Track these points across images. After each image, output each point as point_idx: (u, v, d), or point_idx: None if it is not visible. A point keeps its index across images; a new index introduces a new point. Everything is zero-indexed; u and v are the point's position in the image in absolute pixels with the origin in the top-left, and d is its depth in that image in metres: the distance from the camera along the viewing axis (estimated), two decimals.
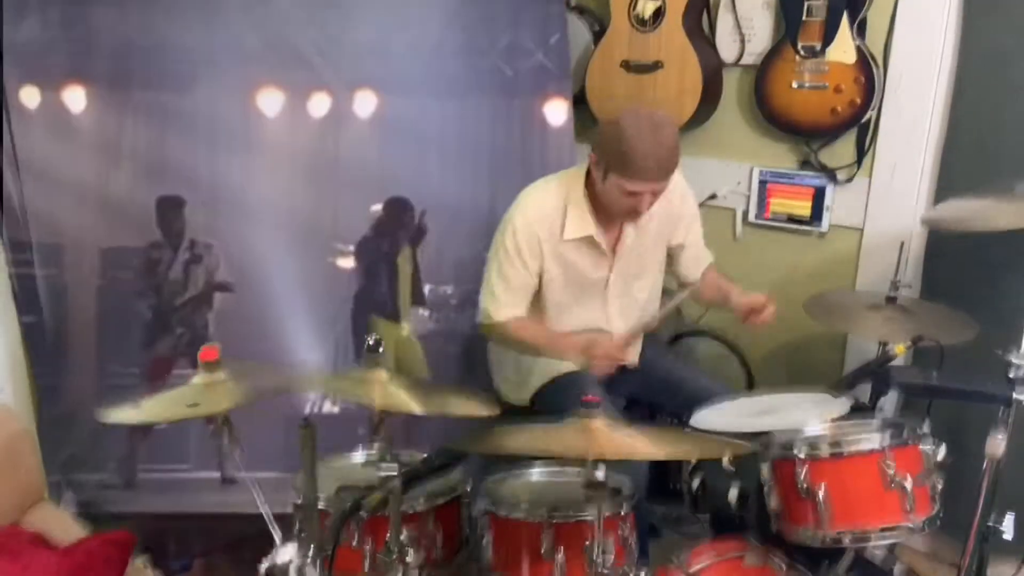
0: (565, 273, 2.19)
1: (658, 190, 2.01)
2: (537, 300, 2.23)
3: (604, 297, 2.27)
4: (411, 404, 1.54)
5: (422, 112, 2.61)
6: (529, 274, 2.16)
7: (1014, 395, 1.59)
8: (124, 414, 1.56)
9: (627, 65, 2.76)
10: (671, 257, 2.41)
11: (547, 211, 2.13)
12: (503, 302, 2.17)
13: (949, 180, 2.37)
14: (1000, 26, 2.21)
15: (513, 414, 2.35)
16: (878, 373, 1.76)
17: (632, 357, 2.21)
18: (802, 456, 1.61)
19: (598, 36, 2.91)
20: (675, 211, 2.30)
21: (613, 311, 2.29)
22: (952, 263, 2.37)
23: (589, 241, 2.16)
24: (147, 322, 2.33)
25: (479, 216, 2.62)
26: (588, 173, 2.13)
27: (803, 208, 2.69)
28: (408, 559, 1.53)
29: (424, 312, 2.69)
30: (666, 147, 1.96)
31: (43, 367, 2.16)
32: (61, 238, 2.17)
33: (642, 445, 1.54)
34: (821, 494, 1.59)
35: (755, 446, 1.67)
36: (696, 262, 2.43)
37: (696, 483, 1.86)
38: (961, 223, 2.04)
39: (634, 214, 2.07)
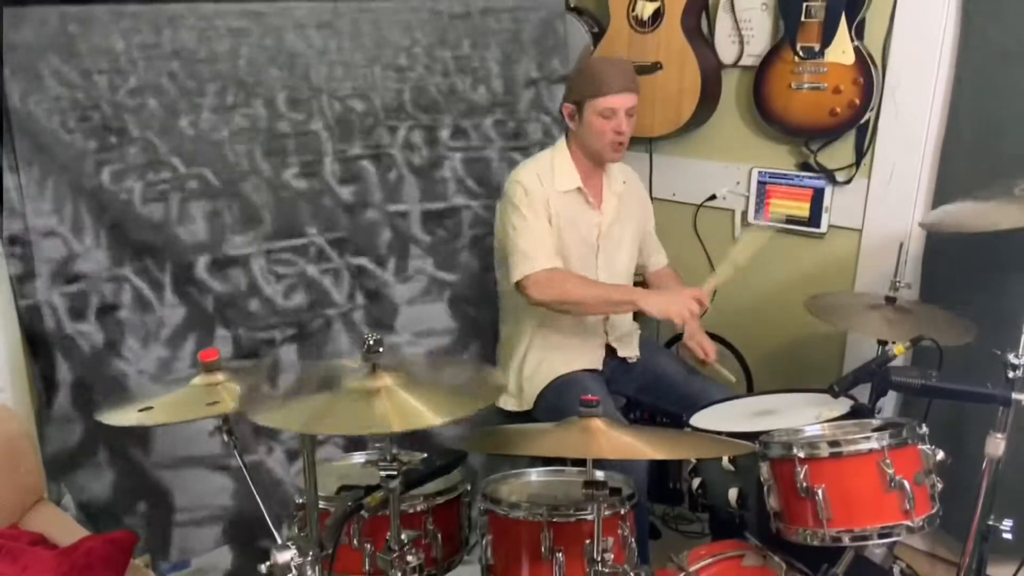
0: (563, 228, 2.26)
1: (630, 107, 2.20)
2: None
3: (595, 262, 2.34)
4: (426, 416, 1.34)
5: None
6: (548, 224, 2.23)
7: (1013, 395, 1.60)
8: (132, 416, 1.56)
9: None
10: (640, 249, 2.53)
11: (541, 170, 2.28)
12: (538, 253, 2.19)
13: (948, 181, 2.37)
14: (1000, 27, 2.21)
15: (514, 416, 2.36)
16: (877, 373, 1.75)
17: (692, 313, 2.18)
18: (801, 456, 1.61)
19: (597, 37, 2.91)
20: (643, 195, 2.56)
21: (602, 276, 2.35)
22: (951, 263, 2.37)
23: (579, 193, 2.29)
24: None
25: None
26: (567, 140, 2.33)
27: (802, 209, 2.70)
28: (408, 559, 1.53)
29: None
30: (626, 65, 2.28)
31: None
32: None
33: (642, 445, 1.54)
34: (820, 494, 1.58)
35: (755, 446, 1.67)
36: (657, 253, 2.60)
37: (696, 483, 1.86)
38: (960, 226, 2.05)
39: (617, 142, 2.22)
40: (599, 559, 1.58)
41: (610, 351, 2.42)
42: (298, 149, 2.45)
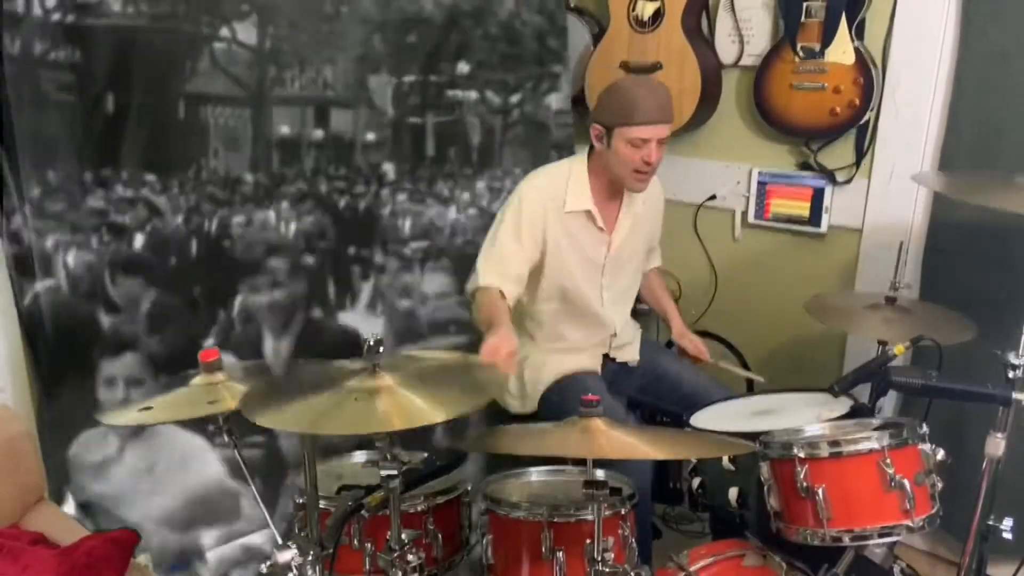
0: (568, 247, 2.21)
1: (663, 137, 2.10)
2: (540, 281, 2.24)
3: (600, 282, 2.30)
4: (429, 413, 1.35)
5: None
6: (523, 249, 2.16)
7: (1013, 395, 1.59)
8: (132, 416, 1.56)
9: (626, 66, 2.77)
10: None
11: (552, 186, 2.21)
12: (489, 268, 2.14)
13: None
14: (1000, 26, 2.22)
15: (519, 419, 2.36)
16: (877, 373, 1.76)
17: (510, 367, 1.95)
18: (802, 456, 1.61)
19: (597, 37, 2.92)
20: (659, 208, 2.46)
21: (607, 295, 2.33)
22: (951, 263, 2.38)
23: (588, 216, 2.23)
24: None
25: None
26: (589, 155, 2.24)
27: (802, 209, 2.70)
28: (408, 559, 1.53)
29: None
30: (661, 92, 2.12)
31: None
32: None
33: (642, 445, 1.55)
34: (821, 494, 1.59)
35: (755, 446, 1.67)
36: (654, 258, 2.57)
37: (696, 483, 1.86)
38: (954, 190, 2.04)
39: (645, 171, 2.13)
40: (599, 559, 1.59)
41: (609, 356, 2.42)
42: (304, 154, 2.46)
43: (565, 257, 2.22)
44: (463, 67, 2.67)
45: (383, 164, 2.59)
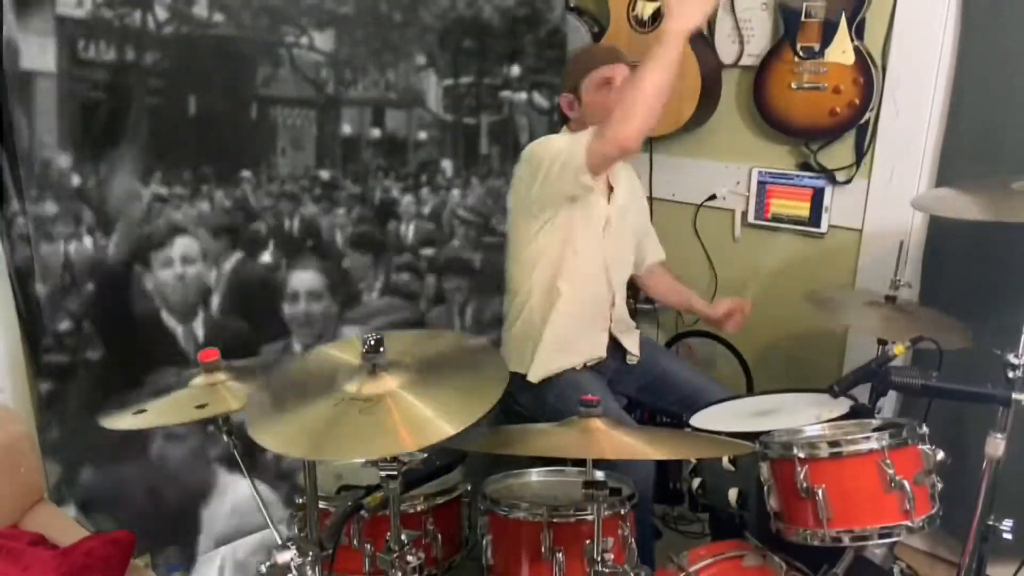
0: (577, 211, 2.20)
1: (625, 76, 2.20)
2: (552, 240, 2.23)
3: (603, 242, 2.29)
4: (440, 427, 1.29)
5: None
6: None
7: (1013, 395, 1.59)
8: (128, 420, 1.55)
9: None
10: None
11: (567, 140, 2.21)
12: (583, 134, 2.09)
13: (948, 181, 2.37)
14: (1000, 26, 2.22)
15: (514, 417, 2.36)
16: (877, 373, 1.75)
17: None
18: (801, 456, 1.61)
19: (597, 37, 2.91)
20: (643, 198, 2.54)
21: (608, 254, 2.31)
22: (951, 263, 2.38)
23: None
24: None
25: None
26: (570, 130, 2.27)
27: (802, 209, 2.70)
28: (408, 559, 1.53)
29: None
30: (607, 43, 2.55)
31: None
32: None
33: (642, 445, 1.55)
34: (820, 494, 1.58)
35: (755, 446, 1.67)
36: (656, 248, 2.56)
37: (696, 483, 1.86)
38: (953, 211, 2.04)
39: None
40: (599, 559, 1.59)
41: (613, 345, 2.40)
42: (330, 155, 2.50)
43: (573, 219, 2.20)
44: (515, 70, 2.78)
45: (441, 162, 2.67)
